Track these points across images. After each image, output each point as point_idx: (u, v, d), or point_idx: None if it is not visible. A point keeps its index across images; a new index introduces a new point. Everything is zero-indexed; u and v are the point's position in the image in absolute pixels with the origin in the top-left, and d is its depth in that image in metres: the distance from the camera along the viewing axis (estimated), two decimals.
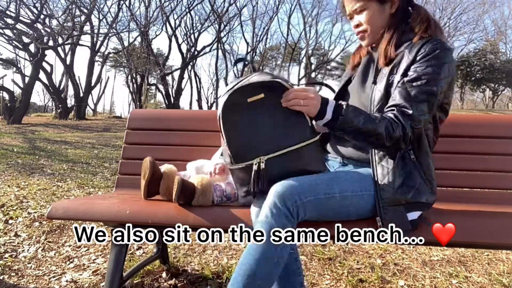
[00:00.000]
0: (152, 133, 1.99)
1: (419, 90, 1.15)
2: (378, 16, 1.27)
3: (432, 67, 1.15)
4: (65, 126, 13.29)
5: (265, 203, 1.08)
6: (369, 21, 1.28)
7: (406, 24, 1.28)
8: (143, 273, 1.94)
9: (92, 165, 5.44)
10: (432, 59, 1.16)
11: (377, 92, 1.23)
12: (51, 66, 17.13)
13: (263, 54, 25.49)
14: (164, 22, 20.30)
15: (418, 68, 1.17)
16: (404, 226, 1.14)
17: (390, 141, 1.14)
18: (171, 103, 20.62)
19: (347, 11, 1.33)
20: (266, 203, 1.08)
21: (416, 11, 1.29)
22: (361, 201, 1.16)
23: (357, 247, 2.36)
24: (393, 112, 1.16)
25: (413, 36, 1.24)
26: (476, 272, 2.04)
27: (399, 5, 1.28)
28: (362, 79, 1.35)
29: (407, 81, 1.17)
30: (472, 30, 24.03)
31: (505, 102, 34.11)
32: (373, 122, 1.13)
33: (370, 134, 1.14)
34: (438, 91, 1.16)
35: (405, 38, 1.26)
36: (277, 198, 1.06)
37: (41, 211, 2.94)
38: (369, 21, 1.28)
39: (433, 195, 1.22)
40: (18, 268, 2.01)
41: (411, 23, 1.27)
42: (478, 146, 1.73)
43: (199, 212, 1.32)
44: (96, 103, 29.15)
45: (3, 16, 12.33)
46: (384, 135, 1.13)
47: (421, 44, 1.20)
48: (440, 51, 1.16)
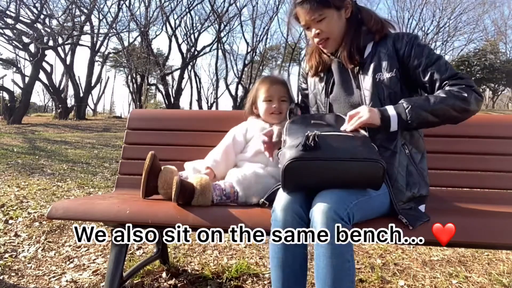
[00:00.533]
0: (152, 133, 1.99)
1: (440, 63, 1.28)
2: (337, 23, 1.34)
3: (424, 49, 1.31)
4: (65, 126, 13.29)
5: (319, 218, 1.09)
6: (330, 28, 1.34)
7: (362, 26, 1.36)
8: (143, 273, 1.94)
9: (92, 165, 5.44)
10: (418, 46, 1.31)
11: (366, 92, 1.33)
12: (51, 66, 17.14)
13: (263, 54, 25.47)
14: (164, 22, 20.32)
15: (418, 56, 1.30)
16: (424, 218, 1.21)
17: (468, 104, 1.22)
18: (171, 103, 20.62)
19: (303, 21, 1.37)
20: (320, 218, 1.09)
21: (365, 13, 1.37)
22: (383, 199, 1.23)
23: (357, 247, 2.36)
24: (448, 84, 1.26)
25: (372, 36, 1.35)
26: (476, 272, 2.04)
27: (352, 9, 1.36)
28: (344, 87, 1.41)
29: (422, 69, 1.29)
30: (472, 30, 24.07)
31: (505, 102, 34.11)
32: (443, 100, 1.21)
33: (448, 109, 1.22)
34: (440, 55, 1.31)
35: (367, 39, 1.36)
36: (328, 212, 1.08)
37: (41, 211, 2.94)
38: (330, 29, 1.34)
39: (427, 186, 1.33)
40: (18, 268, 2.01)
41: (367, 24, 1.35)
42: (478, 146, 1.73)
43: (199, 212, 1.32)
44: (96, 103, 29.20)
45: (3, 16, 12.33)
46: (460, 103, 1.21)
47: (392, 40, 1.33)
48: (415, 39, 1.33)
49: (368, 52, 1.36)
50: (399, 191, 1.25)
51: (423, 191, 1.31)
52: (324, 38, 1.36)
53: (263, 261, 2.14)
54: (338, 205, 1.09)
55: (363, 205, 1.16)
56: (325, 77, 1.48)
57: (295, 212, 1.17)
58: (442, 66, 1.28)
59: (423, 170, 1.35)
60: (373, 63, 1.33)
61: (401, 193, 1.25)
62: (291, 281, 1.18)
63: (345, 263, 1.07)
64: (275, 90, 1.65)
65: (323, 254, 1.07)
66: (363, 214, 1.18)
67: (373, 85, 1.32)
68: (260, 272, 1.97)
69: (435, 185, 1.71)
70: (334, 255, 1.06)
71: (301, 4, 1.32)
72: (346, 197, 1.12)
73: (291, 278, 1.18)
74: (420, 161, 1.34)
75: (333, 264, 1.06)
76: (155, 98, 35.37)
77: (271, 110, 1.64)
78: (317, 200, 1.13)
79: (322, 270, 1.08)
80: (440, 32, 23.97)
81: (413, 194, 1.27)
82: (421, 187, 1.30)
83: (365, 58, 1.36)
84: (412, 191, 1.27)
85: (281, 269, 1.18)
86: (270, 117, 1.65)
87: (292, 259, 1.18)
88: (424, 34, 23.64)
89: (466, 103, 1.22)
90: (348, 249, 1.08)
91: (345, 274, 1.07)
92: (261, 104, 1.66)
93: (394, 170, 1.27)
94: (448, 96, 1.22)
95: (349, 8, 1.35)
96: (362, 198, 1.16)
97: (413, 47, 1.31)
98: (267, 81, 1.68)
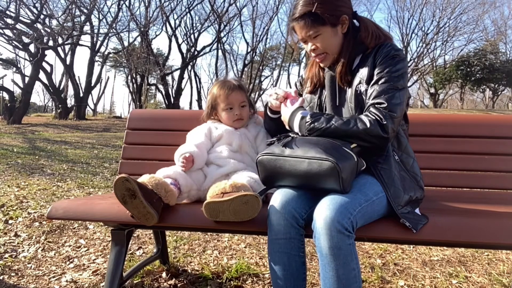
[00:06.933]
0: (152, 133, 1.99)
1: (386, 86, 1.24)
2: (333, 39, 1.34)
3: (390, 66, 1.26)
4: (65, 126, 13.29)
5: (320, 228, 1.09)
6: (325, 44, 1.35)
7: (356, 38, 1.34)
8: (143, 273, 1.94)
9: (92, 165, 5.44)
10: (388, 59, 1.27)
11: (351, 105, 1.33)
12: (51, 66, 17.14)
13: (263, 54, 25.45)
14: (164, 22, 20.31)
15: (379, 70, 1.27)
16: (423, 221, 1.21)
17: (370, 137, 1.20)
18: (171, 103, 20.62)
19: (299, 36, 1.37)
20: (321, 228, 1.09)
21: (362, 24, 1.36)
22: (382, 201, 1.23)
23: (357, 247, 2.35)
24: (369, 110, 1.24)
25: (364, 47, 1.33)
26: (476, 272, 2.04)
27: (349, 23, 1.34)
28: (332, 99, 1.41)
29: (373, 83, 1.27)
30: (472, 30, 24.02)
31: (505, 102, 34.13)
32: (346, 124, 1.22)
33: (348, 135, 1.22)
34: (403, 85, 1.26)
35: (357, 51, 1.34)
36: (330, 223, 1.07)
37: (41, 211, 2.94)
38: (325, 45, 1.35)
39: (421, 189, 1.33)
40: (18, 268, 2.01)
41: (361, 36, 1.34)
42: (478, 146, 1.73)
43: (199, 212, 1.31)
44: (96, 103, 29.18)
45: (3, 16, 12.33)
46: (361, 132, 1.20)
47: (375, 51, 1.30)
48: (394, 51, 1.28)
49: (356, 64, 1.35)
50: (397, 194, 1.24)
51: (418, 194, 1.31)
52: (320, 53, 1.37)
53: (263, 261, 2.14)
54: (341, 215, 1.08)
55: (366, 211, 1.15)
56: (318, 91, 1.48)
57: (289, 215, 1.17)
58: (386, 91, 1.23)
59: (416, 174, 1.34)
60: (357, 75, 1.32)
61: (399, 195, 1.24)
62: (291, 283, 1.19)
63: (350, 272, 1.08)
64: (234, 97, 1.63)
65: (329, 265, 1.08)
66: (366, 220, 1.18)
67: (354, 98, 1.31)
68: (260, 272, 1.97)
69: (435, 185, 1.71)
70: (339, 265, 1.07)
71: (296, 20, 1.33)
72: (349, 204, 1.11)
73: (290, 280, 1.19)
74: (412, 166, 1.34)
75: (339, 275, 1.07)
76: (155, 98, 35.34)
77: (233, 118, 1.64)
78: (320, 208, 1.12)
79: (328, 280, 1.08)
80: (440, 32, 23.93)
81: (410, 198, 1.26)
82: (416, 191, 1.30)
83: (353, 70, 1.35)
84: (409, 194, 1.27)
85: (279, 273, 1.19)
86: (233, 124, 1.65)
87: (290, 262, 1.18)
88: (424, 34, 23.62)
89: (362, 133, 1.20)
90: (352, 258, 1.08)
91: (352, 282, 1.08)
92: (222, 112, 1.66)
93: (391, 173, 1.25)
94: (350, 120, 1.23)
95: (346, 23, 1.33)
96: (365, 204, 1.15)
97: (383, 60, 1.27)
98: (225, 89, 1.64)
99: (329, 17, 1.30)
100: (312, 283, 1.88)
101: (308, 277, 1.93)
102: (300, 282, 1.20)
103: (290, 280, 1.19)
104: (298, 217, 1.18)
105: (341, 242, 1.06)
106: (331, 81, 1.41)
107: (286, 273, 1.18)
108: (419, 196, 1.32)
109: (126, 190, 1.22)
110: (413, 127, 1.69)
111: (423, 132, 1.78)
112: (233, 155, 1.58)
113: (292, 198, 1.20)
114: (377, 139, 1.21)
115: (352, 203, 1.12)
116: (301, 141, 1.21)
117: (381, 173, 1.24)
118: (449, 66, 25.99)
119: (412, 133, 1.64)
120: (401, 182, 1.26)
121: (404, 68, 1.28)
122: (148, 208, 1.23)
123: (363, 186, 1.20)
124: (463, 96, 31.03)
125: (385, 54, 1.28)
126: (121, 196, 1.22)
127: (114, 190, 1.23)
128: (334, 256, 1.07)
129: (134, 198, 1.22)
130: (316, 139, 1.21)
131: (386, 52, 1.28)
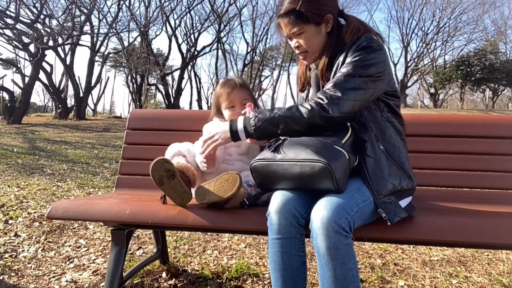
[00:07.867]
0: (152, 133, 1.99)
1: (342, 74, 1.25)
2: (316, 37, 1.35)
3: (357, 57, 1.25)
4: (65, 126, 13.29)
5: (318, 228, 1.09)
6: (308, 43, 1.36)
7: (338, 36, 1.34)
8: (143, 273, 1.94)
9: (92, 165, 5.44)
10: (357, 50, 1.26)
11: None
12: (51, 66, 17.15)
13: (263, 54, 25.47)
14: (164, 22, 20.34)
15: (346, 62, 1.27)
16: (402, 214, 1.19)
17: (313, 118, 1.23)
18: (171, 103, 20.64)
19: (284, 32, 1.38)
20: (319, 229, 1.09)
21: (347, 22, 1.35)
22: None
23: (357, 247, 2.36)
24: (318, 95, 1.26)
25: (344, 43, 1.33)
26: (476, 272, 2.04)
27: (333, 23, 1.35)
28: None
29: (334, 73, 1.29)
30: (472, 30, 24.08)
31: (505, 102, 34.13)
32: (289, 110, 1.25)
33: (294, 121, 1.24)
34: (367, 73, 1.24)
35: (339, 48, 1.33)
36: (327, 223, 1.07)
37: (41, 211, 2.94)
38: (308, 43, 1.36)
39: (411, 180, 1.29)
40: (18, 268, 2.01)
41: (343, 34, 1.33)
42: (478, 146, 1.73)
43: (199, 212, 1.32)
44: (96, 103, 29.22)
45: (3, 16, 12.33)
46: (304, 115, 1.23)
47: (350, 45, 1.30)
48: (365, 43, 1.27)
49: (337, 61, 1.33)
50: (380, 179, 1.20)
51: (404, 183, 1.25)
52: (303, 51, 1.38)
53: (263, 261, 2.15)
54: (338, 215, 1.08)
55: (363, 211, 1.15)
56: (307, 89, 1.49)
57: (289, 214, 1.17)
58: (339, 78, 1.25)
59: (403, 164, 1.29)
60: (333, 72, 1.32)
61: (382, 181, 1.20)
62: (291, 283, 1.19)
63: (348, 272, 1.08)
64: (236, 95, 1.64)
65: (326, 265, 1.08)
66: (364, 220, 1.17)
67: None
68: (260, 272, 1.97)
69: (435, 185, 1.71)
70: (337, 266, 1.07)
71: (281, 17, 1.35)
72: (346, 204, 1.11)
73: (290, 280, 1.19)
74: (398, 155, 1.29)
75: (337, 275, 1.07)
76: (155, 98, 35.37)
77: (235, 116, 1.62)
78: (317, 209, 1.12)
79: (326, 281, 1.09)
80: (440, 32, 23.98)
81: (393, 187, 1.22)
82: (402, 180, 1.25)
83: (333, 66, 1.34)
84: (392, 182, 1.22)
85: (279, 272, 1.18)
86: None
87: (290, 262, 1.18)
88: (424, 34, 23.65)
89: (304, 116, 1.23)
90: (350, 258, 1.08)
91: (350, 282, 1.08)
92: (225, 111, 1.67)
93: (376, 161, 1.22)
94: (292, 107, 1.26)
95: (330, 22, 1.34)
96: (362, 204, 1.15)
97: (353, 52, 1.27)
98: (226, 87, 1.66)
99: (312, 16, 1.31)
100: (312, 283, 1.88)
101: (308, 277, 1.93)
102: (300, 282, 1.20)
103: (290, 280, 1.19)
104: (298, 216, 1.18)
105: (338, 242, 1.06)
106: (315, 79, 1.43)
107: (286, 273, 1.18)
108: (406, 186, 1.26)
109: (165, 171, 1.29)
110: (413, 127, 1.70)
111: (423, 132, 1.78)
112: (240, 157, 1.61)
113: (292, 197, 1.20)
114: (321, 120, 1.23)
115: (349, 203, 1.12)
116: (292, 143, 1.21)
117: (365, 161, 1.22)
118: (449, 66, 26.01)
119: (412, 133, 1.65)
120: (387, 169, 1.23)
121: (376, 58, 1.25)
122: (185, 187, 1.32)
123: (361, 186, 1.20)
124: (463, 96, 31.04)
125: (356, 46, 1.28)
126: (158, 177, 1.29)
127: (151, 172, 1.28)
128: (331, 256, 1.07)
129: (172, 179, 1.30)
130: (307, 140, 1.20)
131: (357, 44, 1.28)
